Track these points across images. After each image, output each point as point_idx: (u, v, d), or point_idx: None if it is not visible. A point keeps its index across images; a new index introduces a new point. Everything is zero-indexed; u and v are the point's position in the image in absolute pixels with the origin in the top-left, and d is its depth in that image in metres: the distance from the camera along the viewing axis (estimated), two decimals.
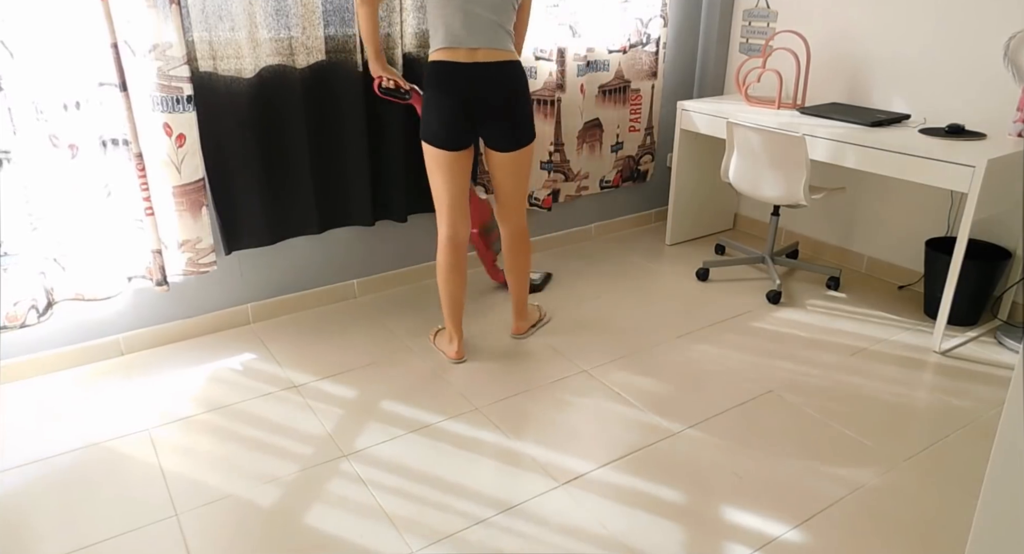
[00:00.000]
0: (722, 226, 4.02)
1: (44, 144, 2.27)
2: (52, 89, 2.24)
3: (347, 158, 2.86)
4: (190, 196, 2.56)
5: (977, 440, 2.24)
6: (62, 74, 2.25)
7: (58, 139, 2.28)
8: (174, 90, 2.40)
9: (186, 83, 2.41)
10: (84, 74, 2.29)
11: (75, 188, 2.37)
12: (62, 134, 2.29)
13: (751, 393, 2.47)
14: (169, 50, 2.35)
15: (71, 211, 2.39)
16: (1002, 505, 1.23)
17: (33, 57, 2.18)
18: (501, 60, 2.31)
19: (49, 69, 2.22)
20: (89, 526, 1.88)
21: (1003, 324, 2.91)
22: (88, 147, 2.36)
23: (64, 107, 2.27)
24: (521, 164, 2.48)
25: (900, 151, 2.70)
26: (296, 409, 2.38)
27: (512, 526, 1.89)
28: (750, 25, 3.65)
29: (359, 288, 3.19)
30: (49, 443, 2.21)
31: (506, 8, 2.30)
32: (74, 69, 2.26)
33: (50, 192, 2.33)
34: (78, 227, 2.42)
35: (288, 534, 1.86)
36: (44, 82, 2.22)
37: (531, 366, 2.63)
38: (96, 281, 2.51)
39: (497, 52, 2.30)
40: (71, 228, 2.41)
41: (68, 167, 2.33)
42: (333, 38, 2.66)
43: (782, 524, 1.90)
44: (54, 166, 2.31)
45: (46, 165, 2.29)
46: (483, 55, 2.29)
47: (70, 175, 2.34)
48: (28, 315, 2.40)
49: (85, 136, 2.34)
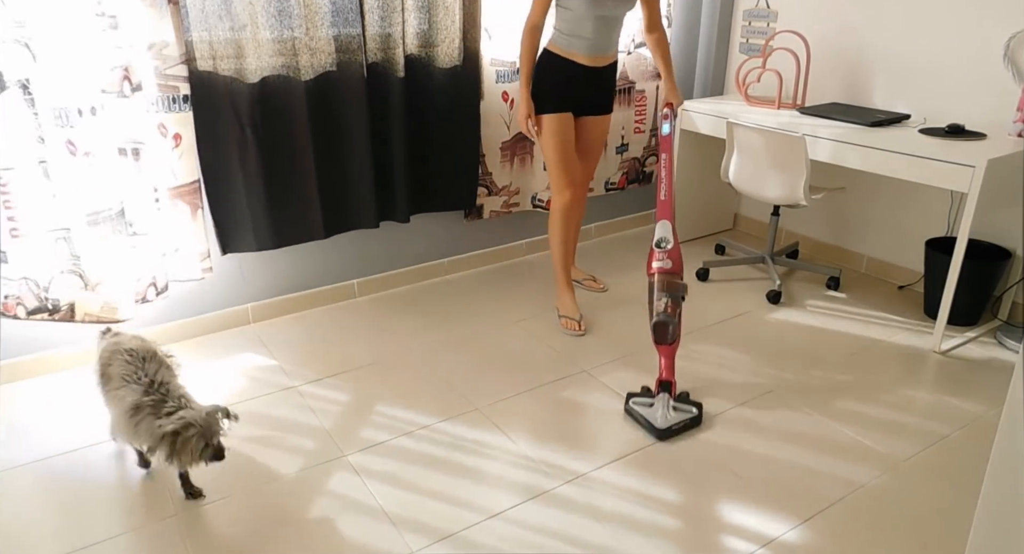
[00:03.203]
0: (722, 226, 4.02)
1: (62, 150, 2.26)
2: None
3: (352, 160, 2.85)
4: (185, 198, 2.56)
5: (977, 440, 2.24)
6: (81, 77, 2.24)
7: (75, 146, 2.28)
8: (170, 89, 2.40)
9: (183, 82, 2.41)
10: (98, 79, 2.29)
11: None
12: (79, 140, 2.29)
13: (751, 393, 2.47)
14: (165, 49, 2.35)
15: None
16: (1002, 505, 1.23)
17: (55, 59, 2.18)
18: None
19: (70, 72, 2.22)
20: (89, 526, 1.88)
21: (1003, 324, 2.91)
22: (104, 153, 2.36)
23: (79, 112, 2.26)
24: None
25: (900, 151, 2.70)
26: (296, 409, 2.38)
27: (512, 526, 1.89)
28: (750, 25, 3.65)
29: (359, 288, 3.19)
30: (49, 443, 2.21)
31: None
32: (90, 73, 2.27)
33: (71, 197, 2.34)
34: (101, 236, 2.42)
35: (288, 534, 1.86)
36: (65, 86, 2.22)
37: (531, 366, 2.63)
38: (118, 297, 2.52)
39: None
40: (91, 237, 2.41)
41: (85, 174, 2.33)
42: (337, 39, 2.66)
43: (782, 524, 1.90)
44: (72, 172, 2.31)
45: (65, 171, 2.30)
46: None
47: (86, 181, 2.35)
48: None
49: (101, 142, 2.34)
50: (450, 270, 3.41)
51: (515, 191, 3.40)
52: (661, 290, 2.28)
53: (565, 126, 2.76)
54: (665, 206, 2.52)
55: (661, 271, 2.33)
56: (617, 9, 2.63)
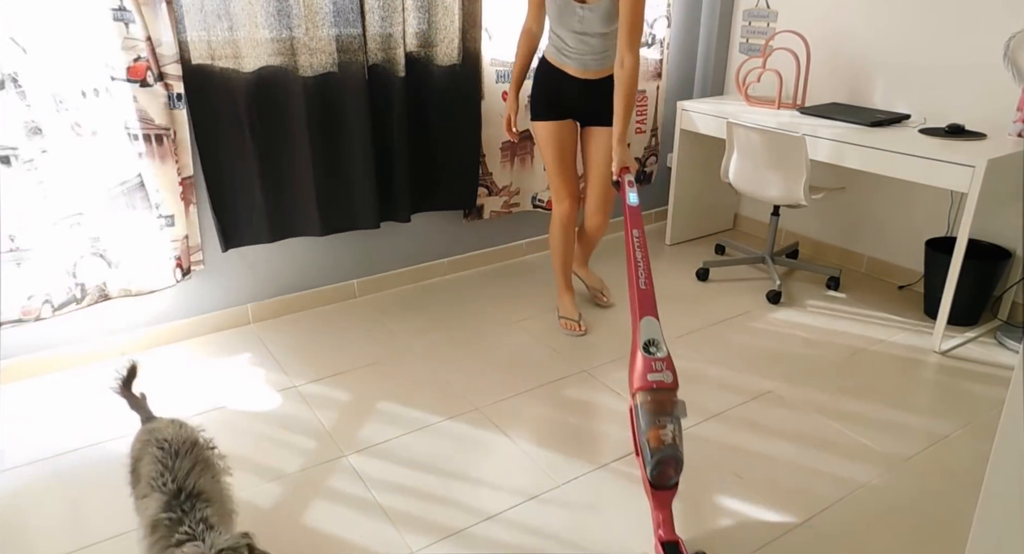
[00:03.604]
0: (722, 226, 4.02)
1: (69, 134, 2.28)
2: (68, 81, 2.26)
3: (352, 161, 2.85)
4: (179, 193, 2.55)
5: (977, 440, 2.24)
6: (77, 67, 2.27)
7: (80, 127, 2.31)
8: (165, 87, 2.40)
9: (177, 81, 2.41)
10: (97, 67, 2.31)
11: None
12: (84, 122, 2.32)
13: (751, 393, 2.47)
14: (159, 48, 2.35)
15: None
16: (1002, 505, 1.23)
17: (46, 51, 2.20)
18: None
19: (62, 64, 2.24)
20: (89, 526, 1.88)
21: (1003, 324, 2.91)
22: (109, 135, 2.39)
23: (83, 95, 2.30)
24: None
25: (900, 151, 2.70)
26: (296, 409, 2.38)
27: (512, 526, 1.89)
28: (750, 25, 3.65)
29: (359, 288, 3.19)
30: (49, 443, 2.21)
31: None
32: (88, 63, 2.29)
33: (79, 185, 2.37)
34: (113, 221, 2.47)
35: (288, 534, 1.86)
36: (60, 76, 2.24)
37: (531, 366, 2.63)
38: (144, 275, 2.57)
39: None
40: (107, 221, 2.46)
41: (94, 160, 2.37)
42: (338, 38, 2.66)
43: (782, 524, 1.90)
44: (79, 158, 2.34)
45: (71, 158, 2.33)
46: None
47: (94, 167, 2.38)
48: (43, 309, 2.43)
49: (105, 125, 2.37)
50: (450, 270, 3.41)
51: (515, 191, 3.40)
52: (660, 413, 1.70)
53: (561, 134, 2.68)
54: (647, 298, 1.92)
55: (660, 387, 1.74)
56: (590, 27, 2.47)
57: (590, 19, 2.45)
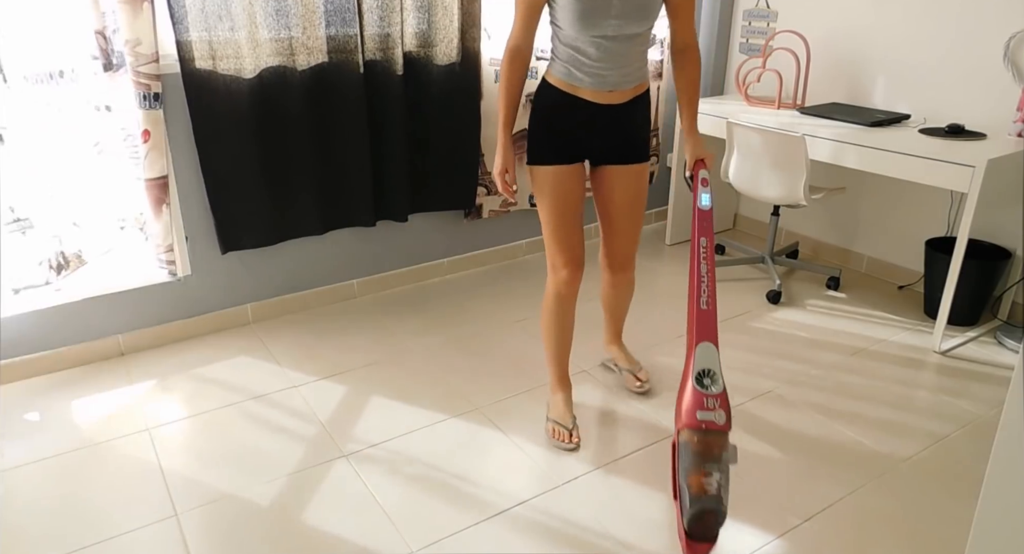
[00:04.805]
0: (722, 226, 4.02)
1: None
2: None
3: (349, 159, 2.85)
4: (152, 192, 2.54)
5: (977, 440, 2.24)
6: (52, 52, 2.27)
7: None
8: (142, 87, 2.40)
9: (154, 81, 2.40)
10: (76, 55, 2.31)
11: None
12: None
13: (751, 393, 2.47)
14: (139, 47, 2.34)
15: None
16: (1002, 505, 1.23)
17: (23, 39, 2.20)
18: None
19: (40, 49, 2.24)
20: (89, 526, 1.88)
21: (1003, 324, 2.91)
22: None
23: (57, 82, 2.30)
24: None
25: (900, 151, 2.70)
26: (296, 409, 2.38)
27: (512, 526, 1.89)
28: (750, 25, 3.65)
29: (359, 288, 3.19)
30: (49, 443, 2.21)
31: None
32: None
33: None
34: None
35: (288, 534, 1.86)
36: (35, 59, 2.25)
37: (531, 366, 2.63)
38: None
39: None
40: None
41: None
42: (334, 38, 2.66)
43: (782, 524, 1.90)
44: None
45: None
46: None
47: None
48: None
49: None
50: (450, 270, 3.41)
51: (514, 190, 3.39)
52: (707, 457, 1.48)
53: (569, 182, 2.06)
54: (708, 320, 1.66)
55: (711, 428, 1.51)
56: (625, 28, 1.90)
57: (628, 12, 1.89)
